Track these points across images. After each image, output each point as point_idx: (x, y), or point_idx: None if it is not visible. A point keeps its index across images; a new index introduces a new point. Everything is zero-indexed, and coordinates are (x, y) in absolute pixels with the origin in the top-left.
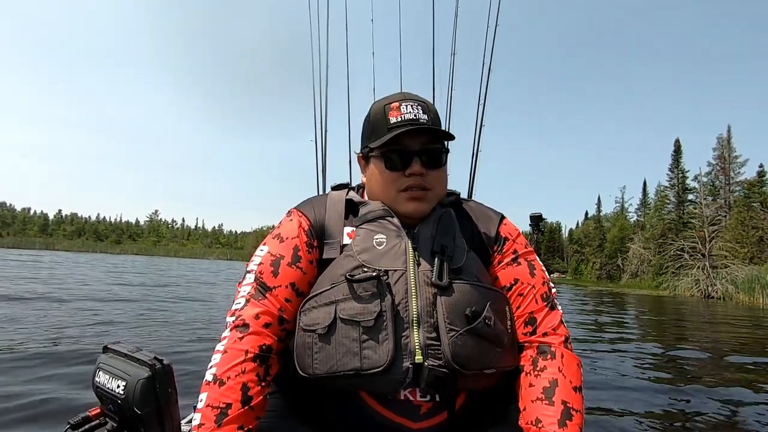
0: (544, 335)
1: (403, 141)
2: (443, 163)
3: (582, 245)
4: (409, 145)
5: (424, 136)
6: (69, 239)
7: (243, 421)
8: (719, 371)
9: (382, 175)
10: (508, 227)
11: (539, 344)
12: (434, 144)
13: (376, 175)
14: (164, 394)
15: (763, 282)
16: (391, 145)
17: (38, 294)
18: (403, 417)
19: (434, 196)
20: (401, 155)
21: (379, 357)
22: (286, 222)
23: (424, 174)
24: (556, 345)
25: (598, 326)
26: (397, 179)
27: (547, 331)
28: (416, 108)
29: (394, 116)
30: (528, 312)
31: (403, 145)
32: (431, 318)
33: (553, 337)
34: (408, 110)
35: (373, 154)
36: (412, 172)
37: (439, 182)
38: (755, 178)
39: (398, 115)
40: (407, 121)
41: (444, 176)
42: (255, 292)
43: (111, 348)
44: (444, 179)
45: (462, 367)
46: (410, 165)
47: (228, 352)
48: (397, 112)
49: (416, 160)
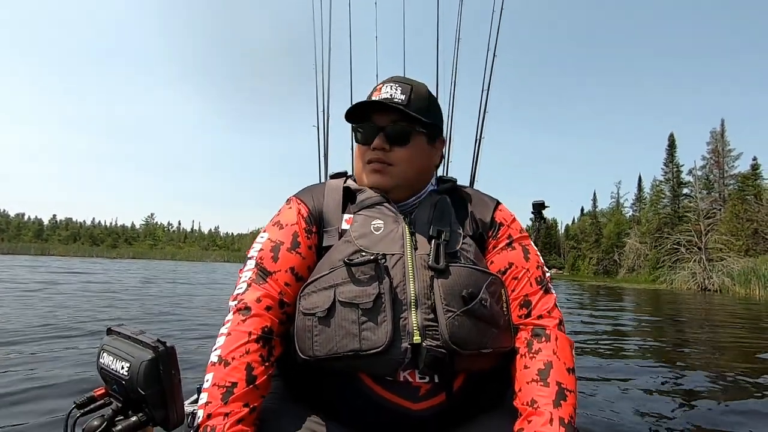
0: (538, 318)
1: (374, 118)
2: (408, 142)
3: (578, 241)
4: (378, 122)
5: (395, 114)
6: (64, 244)
7: (248, 399)
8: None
9: (357, 149)
10: (503, 213)
11: (534, 327)
12: (403, 123)
13: (355, 150)
14: (167, 375)
15: (759, 274)
16: (362, 120)
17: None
18: (402, 398)
19: (398, 172)
20: (368, 130)
21: (377, 338)
22: (286, 209)
23: (388, 150)
24: (551, 328)
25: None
26: (365, 153)
27: (542, 313)
28: (395, 89)
29: (375, 95)
30: (523, 295)
31: (371, 121)
32: (428, 300)
33: (547, 320)
34: (387, 90)
35: (353, 130)
36: (374, 146)
37: (405, 160)
38: (749, 171)
39: (377, 95)
40: (373, 100)
41: (412, 155)
42: (256, 276)
43: (115, 330)
44: (412, 158)
45: (459, 347)
46: (374, 140)
47: (232, 334)
48: (377, 92)
49: (381, 135)
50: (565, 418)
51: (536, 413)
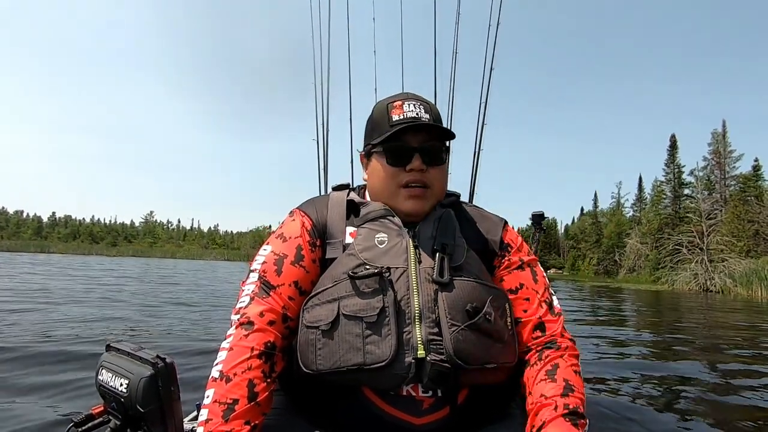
0: (551, 341)
1: (405, 138)
2: (443, 161)
3: (578, 241)
4: (411, 142)
5: (425, 134)
6: (64, 242)
7: (249, 417)
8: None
9: (384, 171)
10: (511, 234)
11: (546, 343)
12: (435, 142)
13: (377, 171)
14: (167, 392)
15: (761, 275)
16: (392, 141)
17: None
18: (405, 412)
19: (433, 195)
20: (402, 151)
21: (381, 352)
22: (289, 222)
23: (425, 170)
24: (562, 341)
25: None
26: (398, 174)
27: (554, 335)
28: (418, 107)
29: (396, 114)
30: (536, 317)
31: (404, 142)
32: (433, 314)
33: (561, 341)
34: (410, 109)
35: (375, 150)
36: (412, 167)
37: (439, 180)
38: (750, 173)
39: (400, 113)
40: (409, 119)
41: (444, 174)
42: (259, 290)
43: (114, 346)
44: (444, 177)
45: (463, 361)
46: (411, 161)
47: (234, 350)
48: (400, 110)
49: (417, 156)
50: (570, 405)
51: (544, 404)
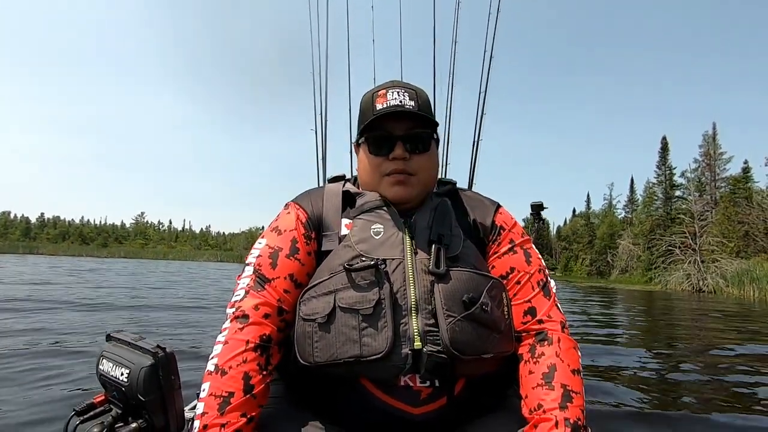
0: (540, 322)
1: (388, 126)
2: (428, 149)
3: (570, 242)
4: (394, 130)
5: (410, 121)
6: (53, 243)
7: (245, 409)
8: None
9: (368, 160)
10: (504, 216)
11: (537, 331)
12: (419, 129)
13: (364, 161)
14: (167, 381)
15: (752, 276)
16: (375, 130)
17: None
18: (403, 402)
19: (419, 182)
20: (385, 140)
21: (378, 344)
22: (284, 215)
23: (408, 158)
24: (553, 331)
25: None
26: (381, 164)
27: (543, 318)
28: (402, 95)
29: (380, 102)
30: (525, 299)
31: (387, 131)
32: (429, 305)
33: (550, 323)
34: (394, 97)
35: (361, 140)
36: (395, 156)
37: (425, 168)
38: (740, 174)
39: (384, 102)
40: (392, 107)
41: (432, 162)
42: (254, 283)
43: (114, 336)
44: (432, 165)
45: (460, 352)
46: (393, 149)
47: (229, 343)
48: (383, 99)
49: (399, 144)
50: (571, 419)
51: (543, 419)
